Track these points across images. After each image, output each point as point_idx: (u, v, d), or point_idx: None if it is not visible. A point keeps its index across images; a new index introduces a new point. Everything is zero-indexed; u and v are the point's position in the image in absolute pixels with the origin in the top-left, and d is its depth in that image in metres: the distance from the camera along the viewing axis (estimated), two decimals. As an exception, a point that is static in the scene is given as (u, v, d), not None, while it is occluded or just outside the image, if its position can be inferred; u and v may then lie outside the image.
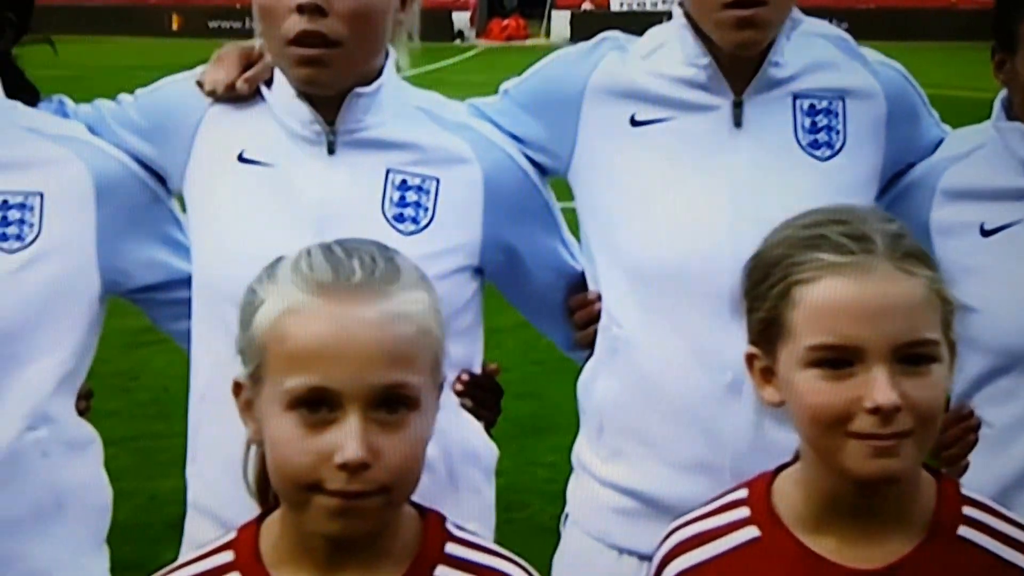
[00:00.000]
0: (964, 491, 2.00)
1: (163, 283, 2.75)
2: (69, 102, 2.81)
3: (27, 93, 2.72)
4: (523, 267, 2.75)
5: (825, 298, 1.90)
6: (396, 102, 2.62)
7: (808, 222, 1.99)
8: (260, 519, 1.95)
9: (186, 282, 2.72)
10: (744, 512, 2.01)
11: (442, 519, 1.94)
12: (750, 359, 2.04)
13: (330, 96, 2.56)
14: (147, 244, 2.71)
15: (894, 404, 1.83)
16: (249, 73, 2.64)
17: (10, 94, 2.63)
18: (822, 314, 1.90)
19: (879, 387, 1.84)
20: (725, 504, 2.05)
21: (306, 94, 2.56)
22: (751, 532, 1.99)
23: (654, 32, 2.74)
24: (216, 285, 2.59)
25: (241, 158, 2.63)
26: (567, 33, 38.72)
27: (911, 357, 1.87)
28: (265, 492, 1.98)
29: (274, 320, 1.83)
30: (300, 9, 2.45)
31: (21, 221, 2.54)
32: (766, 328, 1.99)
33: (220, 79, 2.65)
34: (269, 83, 2.65)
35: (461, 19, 41.62)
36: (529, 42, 39.91)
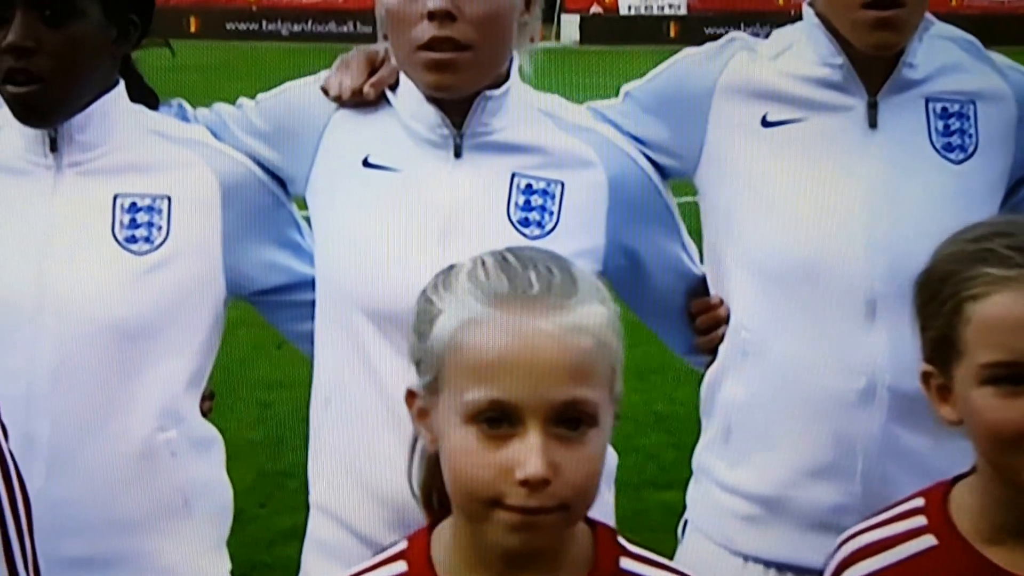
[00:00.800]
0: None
1: (284, 286, 2.77)
2: (188, 106, 2.82)
3: (147, 97, 2.74)
4: (644, 271, 2.73)
5: (996, 314, 1.88)
6: (520, 105, 2.61)
7: (974, 236, 1.96)
8: (430, 527, 1.93)
9: (307, 285, 2.73)
10: (921, 521, 1.99)
11: (614, 533, 1.92)
12: (926, 377, 2.01)
13: (456, 100, 2.56)
14: (269, 247, 2.73)
15: None
16: (375, 78, 2.64)
17: (132, 98, 2.66)
18: (994, 331, 1.88)
19: None
20: (901, 513, 2.02)
21: (433, 98, 2.55)
22: (928, 541, 1.97)
23: (782, 33, 2.72)
24: (342, 290, 2.60)
25: (366, 163, 2.63)
26: (577, 36, 38.69)
27: None
28: (430, 500, 1.96)
29: (453, 331, 1.80)
30: (431, 15, 2.45)
31: (150, 224, 2.58)
32: (940, 346, 1.96)
33: (346, 84, 2.64)
34: (393, 87, 2.64)
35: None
36: (540, 44, 39.81)
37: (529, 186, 2.59)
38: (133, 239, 2.57)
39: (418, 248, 2.54)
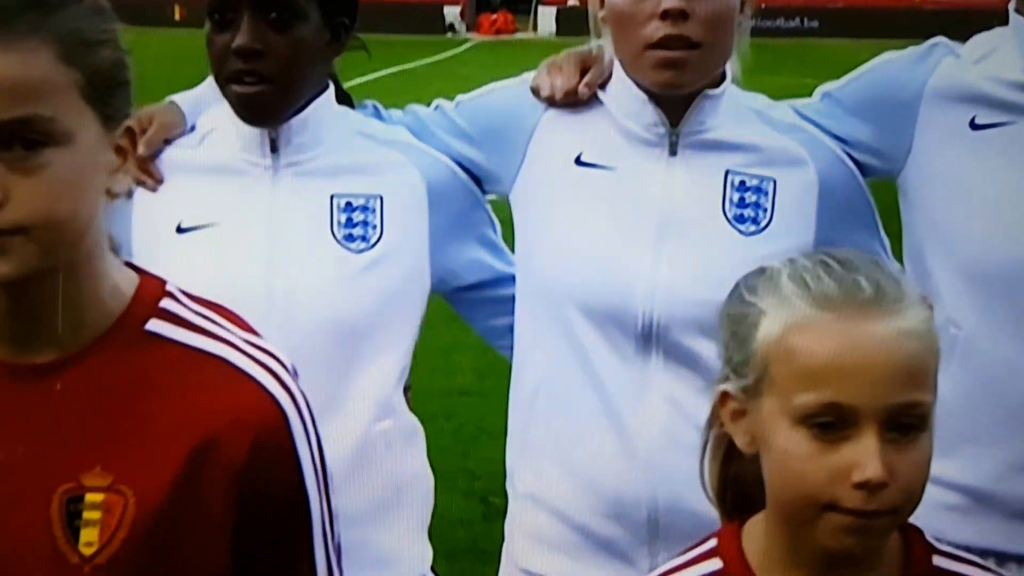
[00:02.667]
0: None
1: (484, 282, 2.82)
2: (381, 107, 2.86)
3: (344, 99, 2.78)
4: None
5: None
6: (731, 104, 2.65)
7: None
8: (739, 524, 1.95)
9: (504, 281, 2.80)
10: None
11: (921, 532, 1.92)
12: None
13: (671, 99, 2.58)
14: (471, 244, 2.79)
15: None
16: (588, 78, 2.68)
17: None
18: None
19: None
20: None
21: (651, 96, 2.58)
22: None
23: (983, 37, 2.75)
24: (556, 286, 2.63)
25: (579, 161, 2.66)
26: (553, 28, 38.77)
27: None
28: (724, 498, 1.98)
29: (780, 335, 1.80)
30: (665, 14, 2.48)
31: (365, 223, 2.63)
32: None
33: (558, 85, 2.68)
34: (602, 86, 2.68)
35: (452, 13, 41.62)
36: (517, 36, 39.95)
37: (743, 183, 2.62)
38: (351, 238, 2.62)
39: (634, 245, 2.59)
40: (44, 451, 1.76)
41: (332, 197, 2.63)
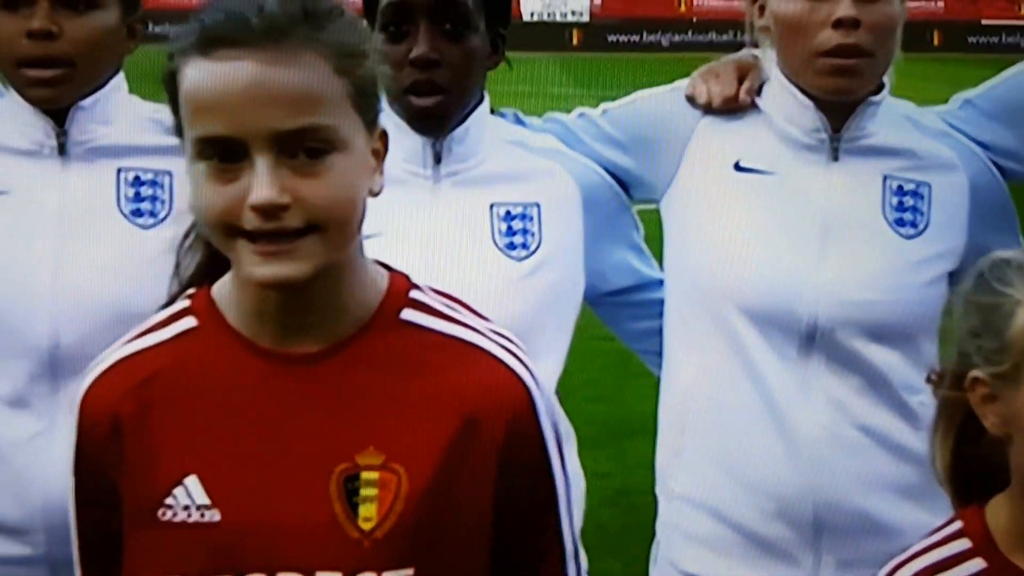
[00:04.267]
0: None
1: (632, 287, 2.89)
2: (522, 115, 2.91)
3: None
4: None
5: None
6: (886, 110, 2.74)
7: None
8: (980, 505, 2.03)
9: (650, 285, 2.88)
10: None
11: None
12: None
13: (832, 106, 2.67)
14: (619, 249, 2.85)
15: None
16: (748, 84, 2.75)
17: None
18: None
19: None
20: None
21: (815, 103, 2.66)
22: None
23: None
24: (717, 290, 2.70)
25: (738, 167, 2.74)
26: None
27: None
28: (956, 483, 2.07)
29: None
30: (838, 23, 2.57)
31: (524, 231, 2.69)
32: None
33: (716, 92, 2.76)
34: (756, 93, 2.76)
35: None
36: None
37: (900, 188, 2.71)
38: (512, 246, 2.67)
39: (798, 249, 2.67)
40: (319, 434, 1.85)
41: (492, 206, 2.68)
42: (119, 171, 2.68)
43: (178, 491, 1.86)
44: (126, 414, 1.89)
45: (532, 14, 42.03)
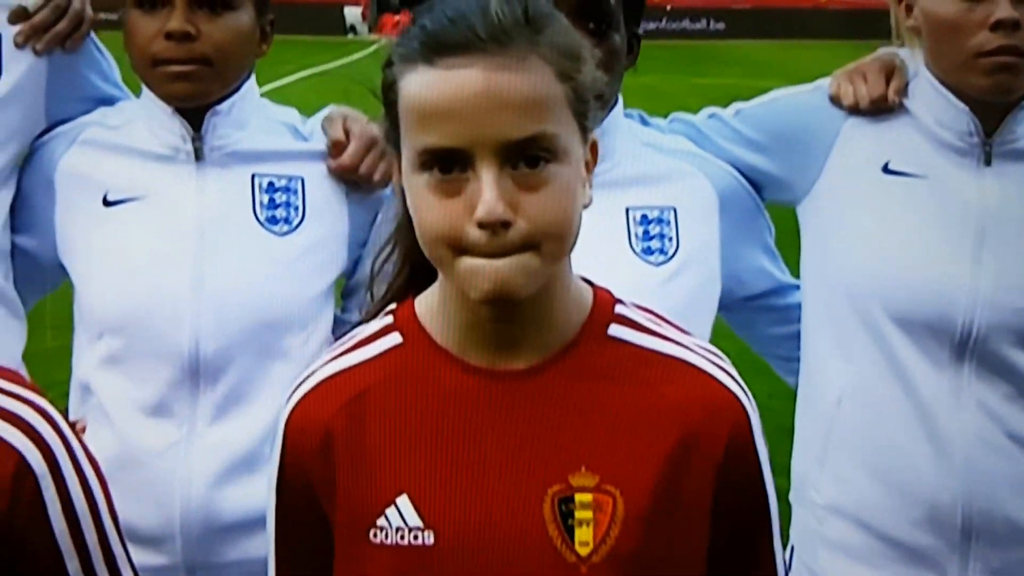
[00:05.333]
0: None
1: (768, 291, 2.84)
2: (647, 116, 2.85)
3: None
4: None
5: None
6: None
7: None
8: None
9: (786, 289, 2.84)
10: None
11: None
12: None
13: (984, 109, 2.62)
14: (756, 253, 2.80)
15: None
16: (895, 85, 2.69)
17: None
18: None
19: None
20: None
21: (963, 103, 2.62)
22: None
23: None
24: (866, 295, 2.65)
25: (887, 169, 2.68)
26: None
27: None
28: None
29: None
30: (998, 24, 2.51)
31: (662, 235, 2.63)
32: None
33: (863, 93, 2.69)
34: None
35: (353, 14, 41.31)
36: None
37: None
38: (649, 251, 2.61)
39: (952, 254, 2.61)
40: (530, 453, 1.80)
41: (627, 210, 2.61)
42: (253, 176, 2.64)
43: (390, 511, 1.80)
44: (337, 431, 1.83)
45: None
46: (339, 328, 2.69)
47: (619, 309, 1.89)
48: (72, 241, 2.63)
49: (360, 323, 1.96)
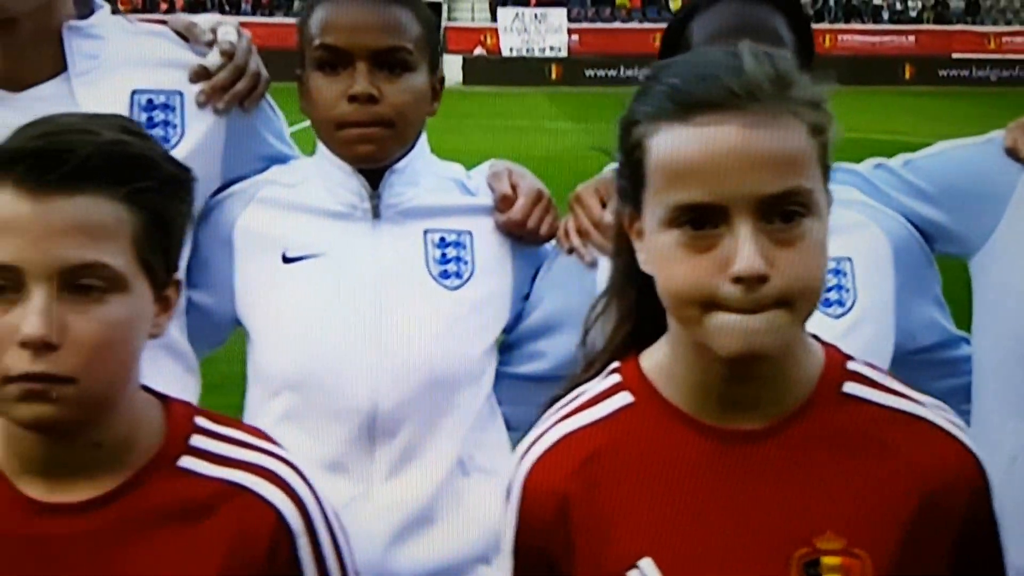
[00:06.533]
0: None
1: (936, 344, 2.79)
2: None
3: None
4: None
5: None
6: None
7: None
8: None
9: (953, 343, 2.79)
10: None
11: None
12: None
13: None
14: (926, 306, 2.75)
15: None
16: None
17: None
18: None
19: None
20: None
21: None
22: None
23: None
24: None
25: None
26: (460, 77, 38.91)
27: None
28: None
29: None
30: None
31: (839, 287, 2.60)
32: None
33: None
34: None
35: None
36: (426, 85, 39.95)
37: None
38: (828, 302, 2.58)
39: None
40: (772, 515, 1.78)
41: None
42: (425, 232, 2.64)
43: (632, 574, 1.78)
44: (573, 494, 1.82)
45: (512, 49, 42.23)
46: (499, 382, 2.68)
47: (851, 365, 1.87)
48: (252, 298, 2.62)
49: (578, 381, 1.94)
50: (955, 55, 44.47)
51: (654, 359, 1.87)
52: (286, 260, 2.61)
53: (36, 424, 1.74)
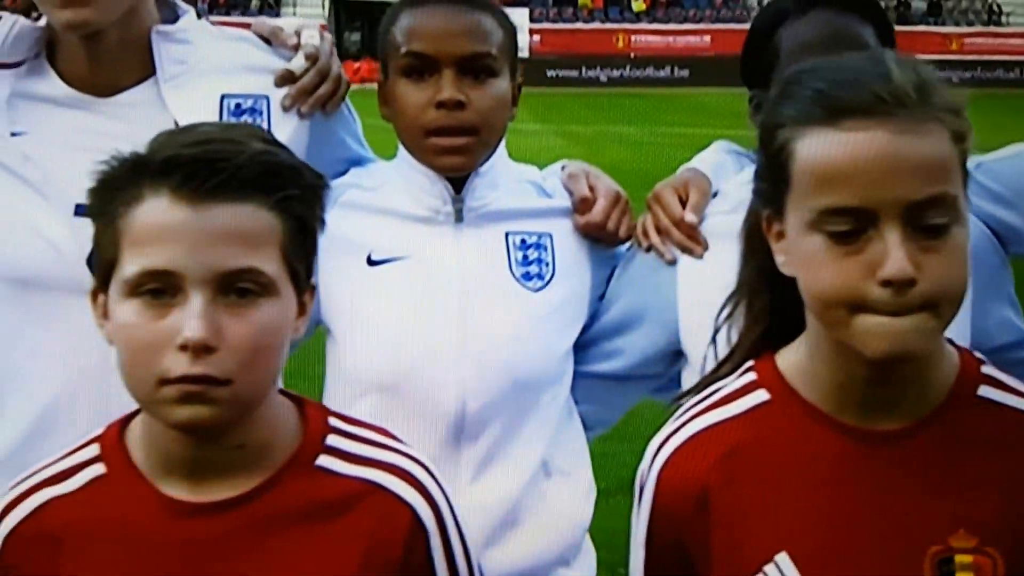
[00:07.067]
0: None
1: (1012, 343, 2.80)
2: None
3: None
4: None
5: None
6: None
7: None
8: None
9: None
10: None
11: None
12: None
13: None
14: (1001, 306, 2.78)
15: None
16: None
17: None
18: None
19: None
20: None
21: None
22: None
23: None
24: None
25: None
26: (422, 76, 38.74)
27: None
28: None
29: None
30: None
31: None
32: None
33: None
34: None
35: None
36: (384, 85, 39.97)
37: None
38: None
39: None
40: (908, 513, 1.81)
41: None
42: (507, 235, 2.65)
43: (769, 568, 1.81)
44: (713, 487, 1.85)
45: (472, 50, 42.14)
46: (575, 381, 2.70)
47: (985, 370, 1.91)
48: (337, 301, 2.62)
49: (710, 380, 1.97)
50: (917, 56, 44.56)
51: (791, 359, 1.90)
52: (371, 263, 2.62)
53: (191, 425, 1.76)
